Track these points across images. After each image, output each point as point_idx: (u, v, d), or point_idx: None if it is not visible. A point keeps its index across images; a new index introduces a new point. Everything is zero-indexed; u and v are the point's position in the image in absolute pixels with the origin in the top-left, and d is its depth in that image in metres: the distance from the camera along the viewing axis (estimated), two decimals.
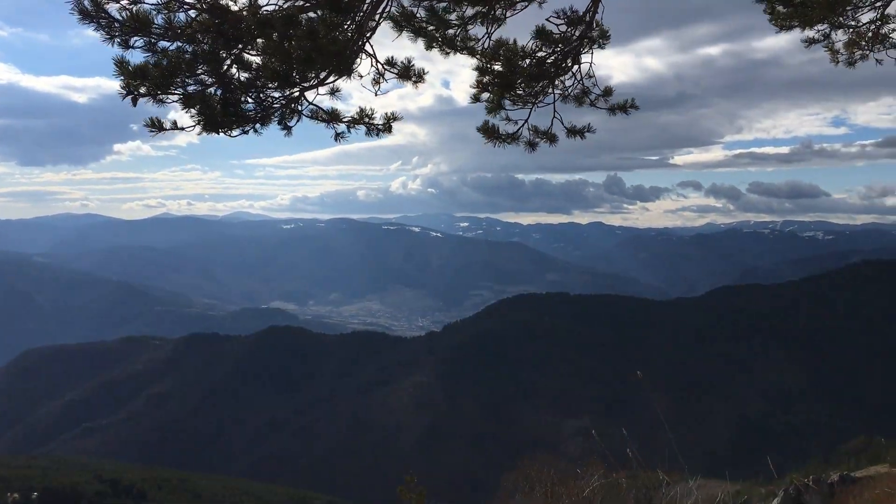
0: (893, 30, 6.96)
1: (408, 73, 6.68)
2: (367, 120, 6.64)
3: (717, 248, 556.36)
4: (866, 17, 6.99)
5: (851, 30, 7.08)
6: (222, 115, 5.91)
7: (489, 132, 6.93)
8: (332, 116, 6.57)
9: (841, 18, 6.95)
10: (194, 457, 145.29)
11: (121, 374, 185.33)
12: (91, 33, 5.43)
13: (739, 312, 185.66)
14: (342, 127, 6.66)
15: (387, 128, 6.71)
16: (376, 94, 6.76)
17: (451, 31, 6.90)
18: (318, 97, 6.45)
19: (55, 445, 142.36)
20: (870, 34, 6.99)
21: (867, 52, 6.61)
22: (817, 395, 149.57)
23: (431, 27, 6.77)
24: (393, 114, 6.69)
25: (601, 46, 6.92)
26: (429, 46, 6.93)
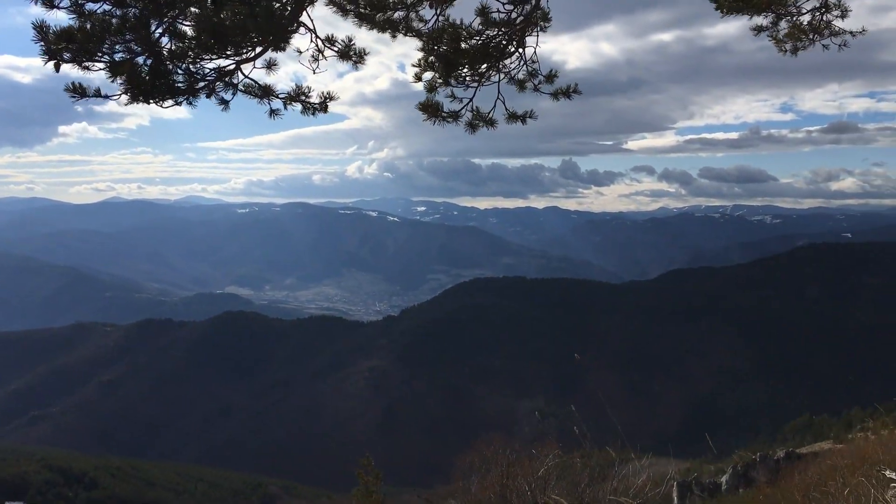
0: (836, 17, 7.06)
1: (348, 52, 6.52)
2: (303, 97, 6.46)
3: (669, 232, 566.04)
4: (809, 4, 7.07)
5: (795, 18, 7.15)
6: (151, 85, 5.69)
7: (430, 109, 6.77)
8: (265, 91, 6.37)
9: (785, 7, 7.01)
10: (147, 444, 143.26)
11: (70, 361, 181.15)
12: (34, 10, 5.17)
13: (690, 295, 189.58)
14: (277, 103, 6.48)
15: (322, 107, 6.55)
16: (314, 72, 6.57)
17: (398, 15, 6.77)
18: (259, 72, 6.29)
19: (2, 434, 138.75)
20: (813, 22, 7.08)
21: (811, 40, 6.68)
22: (764, 374, 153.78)
23: (373, 12, 6.61)
24: (329, 93, 6.52)
25: (543, 29, 6.84)
26: (374, 29, 6.78)
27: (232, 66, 6.03)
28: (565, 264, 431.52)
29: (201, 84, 6.00)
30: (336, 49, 6.51)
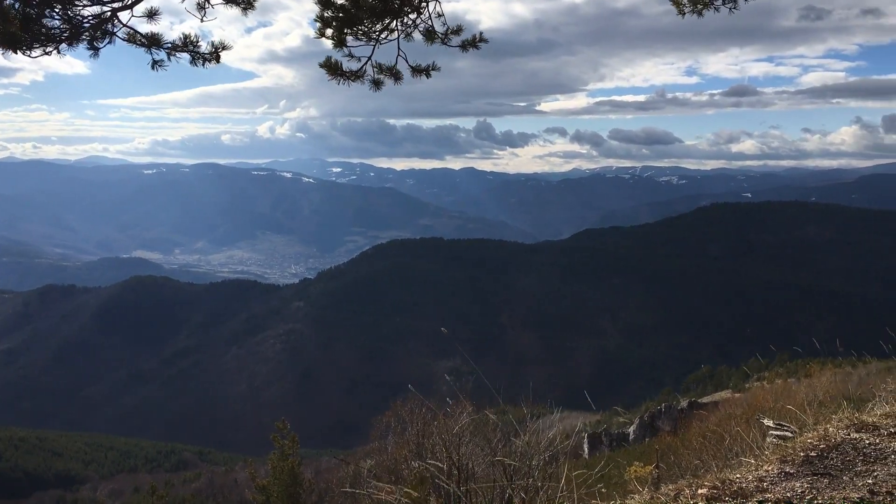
0: None
1: None
2: (191, 47, 6.09)
3: (581, 193, 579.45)
4: None
5: None
6: (22, 31, 5.26)
7: (332, 68, 6.50)
8: (150, 41, 5.96)
9: None
10: (52, 414, 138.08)
11: None
12: None
13: (601, 254, 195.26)
14: (162, 54, 6.09)
15: (214, 56, 6.18)
16: (202, 20, 6.16)
17: None
18: (158, 25, 5.89)
19: None
20: None
21: (710, 2, 6.76)
22: (670, 328, 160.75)
23: None
24: (221, 42, 6.16)
25: None
26: None
27: (108, 13, 5.63)
28: (481, 225, 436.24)
29: (77, 32, 5.60)
30: None
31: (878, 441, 4.94)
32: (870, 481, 4.30)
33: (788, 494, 4.12)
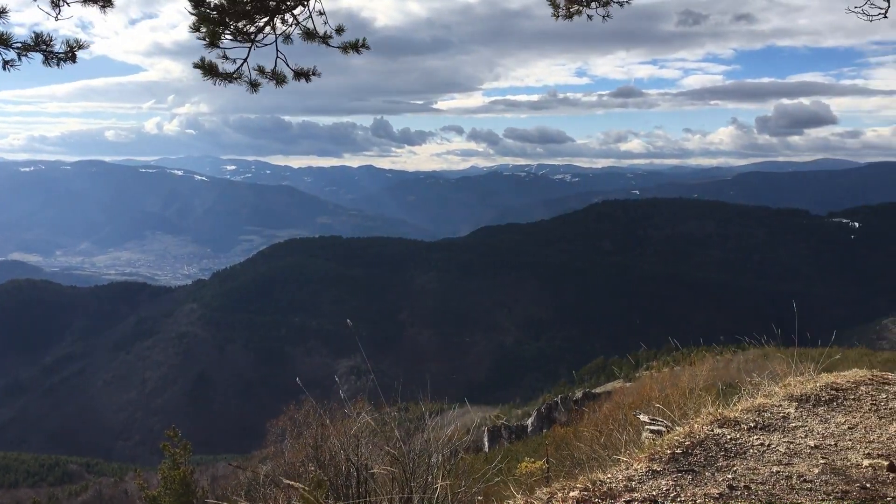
0: None
1: None
2: (44, 47, 5.78)
3: (479, 191, 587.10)
4: None
5: None
6: None
7: (208, 69, 6.22)
8: None
9: None
10: None
11: None
12: None
13: (498, 251, 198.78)
14: (11, 54, 5.74)
15: (70, 56, 5.87)
16: (57, 18, 5.85)
17: None
18: (37, 16, 5.51)
19: None
20: None
21: (582, 7, 6.90)
22: (564, 322, 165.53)
23: None
24: (77, 41, 5.85)
25: None
26: None
27: None
28: (380, 223, 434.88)
29: None
30: None
31: (738, 436, 5.27)
32: (729, 476, 4.58)
33: (654, 493, 4.30)
